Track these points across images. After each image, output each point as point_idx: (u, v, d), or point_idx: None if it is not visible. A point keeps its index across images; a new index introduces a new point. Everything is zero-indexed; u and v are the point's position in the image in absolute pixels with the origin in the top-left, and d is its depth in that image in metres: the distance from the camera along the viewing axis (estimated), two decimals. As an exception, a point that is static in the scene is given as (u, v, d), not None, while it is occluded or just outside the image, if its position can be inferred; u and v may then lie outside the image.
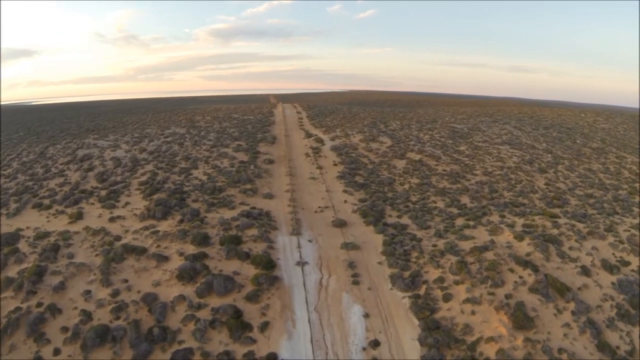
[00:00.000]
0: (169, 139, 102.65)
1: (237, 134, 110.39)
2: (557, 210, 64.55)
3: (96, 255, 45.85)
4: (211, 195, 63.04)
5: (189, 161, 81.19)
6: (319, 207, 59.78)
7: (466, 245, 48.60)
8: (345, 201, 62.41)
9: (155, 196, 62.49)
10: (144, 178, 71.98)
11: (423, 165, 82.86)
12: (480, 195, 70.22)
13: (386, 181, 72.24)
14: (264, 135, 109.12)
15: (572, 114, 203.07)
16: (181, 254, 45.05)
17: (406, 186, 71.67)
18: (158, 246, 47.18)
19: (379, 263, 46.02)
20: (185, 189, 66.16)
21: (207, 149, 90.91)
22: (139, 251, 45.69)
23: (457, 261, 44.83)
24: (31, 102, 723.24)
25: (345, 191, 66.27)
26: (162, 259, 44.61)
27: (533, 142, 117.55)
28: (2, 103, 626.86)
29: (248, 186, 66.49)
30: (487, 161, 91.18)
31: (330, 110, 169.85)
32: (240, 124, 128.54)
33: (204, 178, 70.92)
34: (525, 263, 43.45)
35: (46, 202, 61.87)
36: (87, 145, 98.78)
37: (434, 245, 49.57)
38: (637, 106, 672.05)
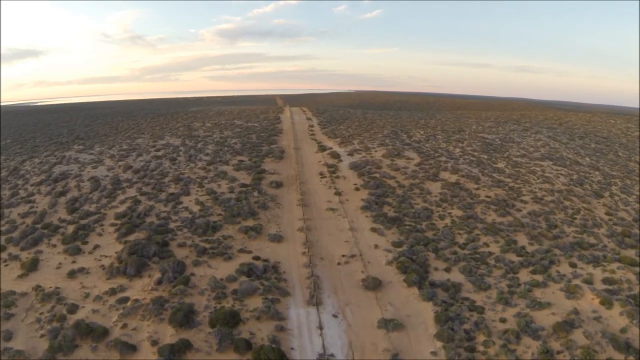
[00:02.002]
0: (160, 153, 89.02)
1: (239, 146, 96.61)
2: (632, 253, 52.33)
3: (41, 336, 33.08)
4: (203, 237, 49.30)
5: (180, 184, 67.48)
6: (343, 255, 45.86)
7: (544, 318, 36.25)
8: (376, 246, 48.46)
9: (133, 236, 49.00)
10: (122, 208, 58.61)
11: (462, 190, 68.75)
12: (539, 233, 56.41)
13: (422, 213, 58.16)
14: (270, 147, 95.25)
15: (601, 120, 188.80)
16: (154, 343, 31.64)
17: (447, 220, 57.66)
18: (124, 326, 33.67)
19: (433, 354, 32.16)
20: (171, 225, 52.59)
21: (203, 167, 77.20)
22: (98, 334, 32.35)
23: (541, 350, 31.80)
24: (35, 102, 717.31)
25: (373, 229, 52.29)
26: (128, 349, 31.17)
27: (575, 157, 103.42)
28: (7, 103, 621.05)
29: (250, 222, 52.70)
30: (532, 182, 77.11)
31: (343, 117, 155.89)
32: (243, 132, 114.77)
33: (196, 209, 57.19)
34: (627, 347, 32.23)
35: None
36: (67, 160, 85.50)
37: (502, 320, 36.24)
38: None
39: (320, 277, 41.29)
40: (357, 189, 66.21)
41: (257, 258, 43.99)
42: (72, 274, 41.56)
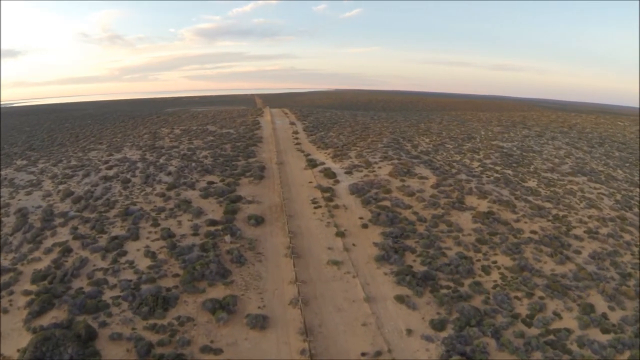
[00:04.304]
0: (112, 172, 72.06)
1: (209, 160, 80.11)
2: None
3: None
4: (149, 320, 33.17)
5: (129, 221, 51.01)
6: (364, 354, 30.14)
7: None
8: (409, 331, 32.85)
9: (48, 318, 32.99)
10: (46, 261, 42.80)
11: (499, 223, 53.76)
12: (616, 289, 42.18)
13: (460, 265, 42.80)
14: (247, 162, 79.01)
15: (609, 122, 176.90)
16: None
17: (495, 274, 42.52)
18: None
19: None
20: (107, 295, 36.36)
21: (161, 192, 60.75)
22: None
23: None
24: (12, 104, 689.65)
25: (399, 298, 36.66)
26: None
27: (606, 169, 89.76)
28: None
29: (220, 290, 36.72)
30: (576, 208, 62.81)
31: (331, 120, 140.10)
32: (216, 142, 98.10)
33: (144, 266, 40.87)
34: None
35: None
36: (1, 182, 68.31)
37: None
38: (619, 104, 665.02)
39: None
40: (364, 226, 50.47)
41: (228, 368, 27.93)
42: None
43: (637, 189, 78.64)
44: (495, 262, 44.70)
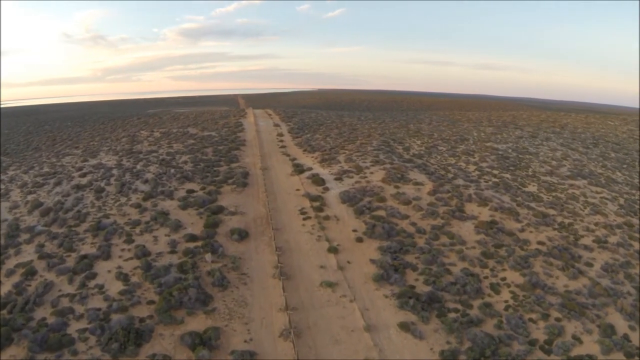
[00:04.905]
0: (85, 180, 67.51)
1: (190, 165, 75.78)
2: None
3: None
4: (119, 357, 28.84)
5: (100, 237, 46.72)
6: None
7: None
8: (419, 368, 29.06)
9: (7, 355, 28.71)
10: (7, 286, 39.03)
11: (503, 233, 50.53)
12: (634, 306, 39.21)
13: (467, 284, 39.31)
14: (230, 168, 74.88)
15: (599, 122, 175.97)
16: None
17: (505, 293, 39.20)
18: None
19: None
20: (72, 327, 32.29)
21: (137, 203, 56.48)
22: None
23: None
24: None
25: (404, 326, 32.98)
26: None
27: (604, 171, 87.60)
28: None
29: (200, 321, 32.64)
30: (581, 214, 60.12)
31: (317, 121, 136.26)
32: (197, 145, 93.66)
33: (115, 291, 36.63)
34: None
35: None
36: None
37: None
38: (601, 102, 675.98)
39: None
40: (359, 240, 46.71)
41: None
42: None
43: (639, 193, 76.51)
44: (504, 278, 41.34)
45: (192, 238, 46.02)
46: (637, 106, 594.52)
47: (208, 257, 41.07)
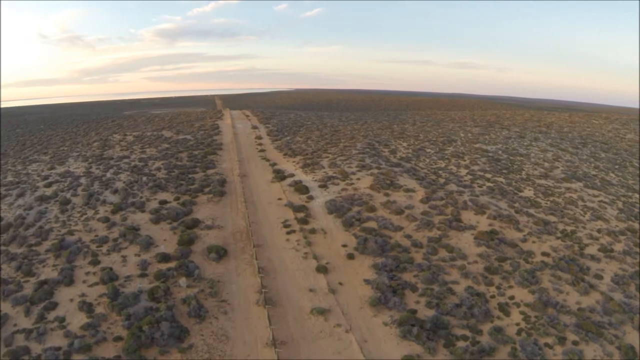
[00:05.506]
0: (50, 190, 62.59)
1: (163, 172, 71.31)
2: None
3: None
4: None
5: (63, 257, 42.17)
6: None
7: None
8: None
9: None
10: None
11: (505, 244, 47.47)
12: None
13: (475, 306, 35.89)
14: (206, 174, 70.65)
15: (584, 121, 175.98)
16: None
17: (515, 314, 36.04)
18: None
19: None
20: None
21: (105, 216, 51.98)
22: None
23: None
24: None
25: (408, 360, 29.26)
26: None
27: (597, 172, 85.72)
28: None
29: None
30: (583, 220, 57.73)
31: (297, 123, 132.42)
32: (171, 150, 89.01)
33: (78, 325, 32.27)
34: None
35: None
36: None
37: None
38: (577, 100, 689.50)
39: None
40: (350, 257, 42.97)
41: None
42: None
43: (636, 195, 74.66)
44: (512, 297, 38.08)
45: (165, 258, 41.69)
46: (613, 104, 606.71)
47: (182, 281, 36.82)
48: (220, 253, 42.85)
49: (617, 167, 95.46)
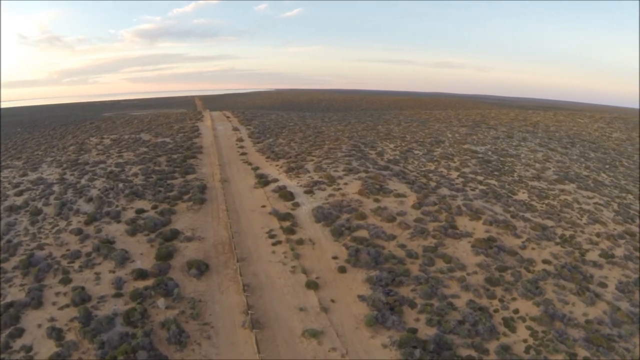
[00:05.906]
0: (20, 200, 59.15)
1: (140, 178, 68.16)
2: None
3: None
4: None
5: (32, 275, 39.00)
6: None
7: None
8: None
9: None
10: None
11: (505, 252, 45.50)
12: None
13: (479, 323, 33.75)
14: (185, 180, 67.71)
15: (569, 120, 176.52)
16: None
17: (521, 330, 34.14)
18: None
19: None
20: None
21: (77, 228, 48.81)
22: None
23: None
24: None
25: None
26: None
27: (589, 173, 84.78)
28: None
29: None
30: (580, 224, 56.32)
31: (279, 124, 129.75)
32: (149, 154, 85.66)
33: (46, 356, 29.29)
34: None
35: None
36: None
37: None
38: (557, 99, 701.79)
39: None
40: (342, 270, 40.45)
41: None
42: None
43: (629, 195, 73.80)
44: (516, 311, 36.00)
45: (142, 275, 38.71)
46: (595, 102, 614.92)
47: (161, 302, 33.90)
48: (201, 268, 39.99)
49: (607, 167, 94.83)
